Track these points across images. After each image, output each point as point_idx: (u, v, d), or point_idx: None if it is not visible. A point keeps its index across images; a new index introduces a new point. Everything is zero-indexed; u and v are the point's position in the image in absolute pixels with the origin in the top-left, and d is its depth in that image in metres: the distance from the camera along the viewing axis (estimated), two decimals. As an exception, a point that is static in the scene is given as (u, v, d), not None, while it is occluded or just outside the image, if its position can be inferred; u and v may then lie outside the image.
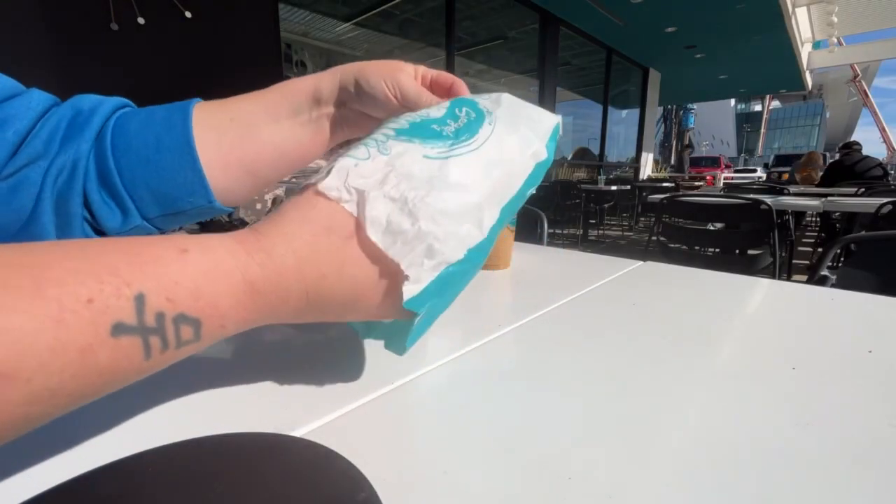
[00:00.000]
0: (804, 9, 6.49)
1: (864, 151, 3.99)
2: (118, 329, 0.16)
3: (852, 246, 1.08)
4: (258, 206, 0.76)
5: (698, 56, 7.41)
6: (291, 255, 0.21)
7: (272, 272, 0.20)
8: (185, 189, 0.28)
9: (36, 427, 0.15)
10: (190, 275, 0.18)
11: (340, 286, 0.21)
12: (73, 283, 0.15)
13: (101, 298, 0.15)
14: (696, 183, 8.16)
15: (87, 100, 0.29)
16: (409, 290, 0.21)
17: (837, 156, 4.16)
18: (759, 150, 40.62)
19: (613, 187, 5.06)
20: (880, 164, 3.87)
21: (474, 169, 0.23)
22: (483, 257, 0.24)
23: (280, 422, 0.24)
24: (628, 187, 5.35)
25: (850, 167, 3.88)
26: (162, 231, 0.30)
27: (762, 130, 42.26)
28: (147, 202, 0.28)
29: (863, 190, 2.96)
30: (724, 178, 11.62)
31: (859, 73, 24.58)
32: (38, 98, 0.28)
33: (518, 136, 0.26)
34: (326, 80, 0.31)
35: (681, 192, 2.72)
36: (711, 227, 2.21)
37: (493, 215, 0.24)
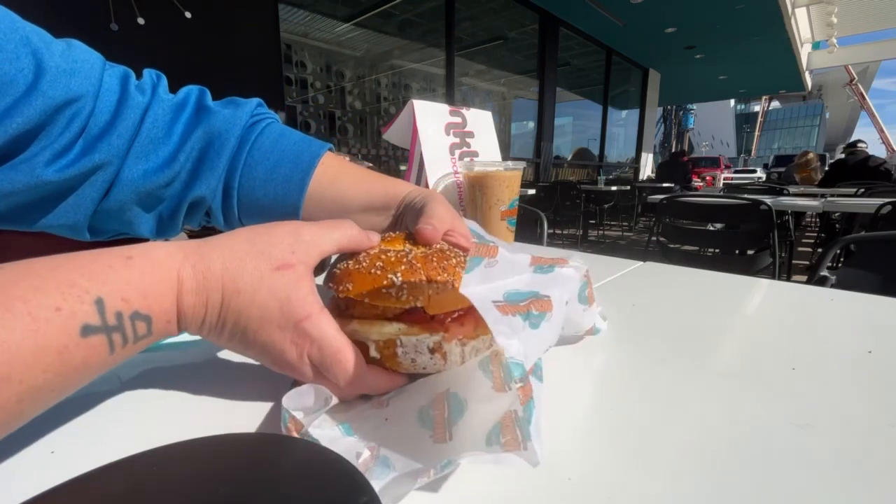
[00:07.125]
0: (804, 9, 6.50)
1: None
2: (86, 330, 0.18)
3: (852, 246, 1.08)
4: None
5: (698, 56, 7.42)
6: (220, 263, 0.22)
7: (200, 273, 0.22)
8: None
9: (27, 421, 0.18)
10: (137, 277, 0.20)
11: (250, 309, 0.23)
12: (37, 297, 0.17)
13: (66, 307, 0.18)
14: (696, 183, 8.14)
15: (217, 119, 0.36)
16: None
17: (842, 156, 4.14)
18: (753, 152, 40.53)
19: (613, 188, 5.06)
20: (884, 163, 3.86)
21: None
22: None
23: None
24: (628, 188, 5.35)
25: (853, 166, 3.87)
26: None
27: (756, 133, 42.10)
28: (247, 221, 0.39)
29: (862, 190, 2.96)
30: (724, 179, 11.61)
31: (855, 76, 24.53)
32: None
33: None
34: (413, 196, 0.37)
35: (681, 193, 2.73)
36: (711, 228, 2.21)
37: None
